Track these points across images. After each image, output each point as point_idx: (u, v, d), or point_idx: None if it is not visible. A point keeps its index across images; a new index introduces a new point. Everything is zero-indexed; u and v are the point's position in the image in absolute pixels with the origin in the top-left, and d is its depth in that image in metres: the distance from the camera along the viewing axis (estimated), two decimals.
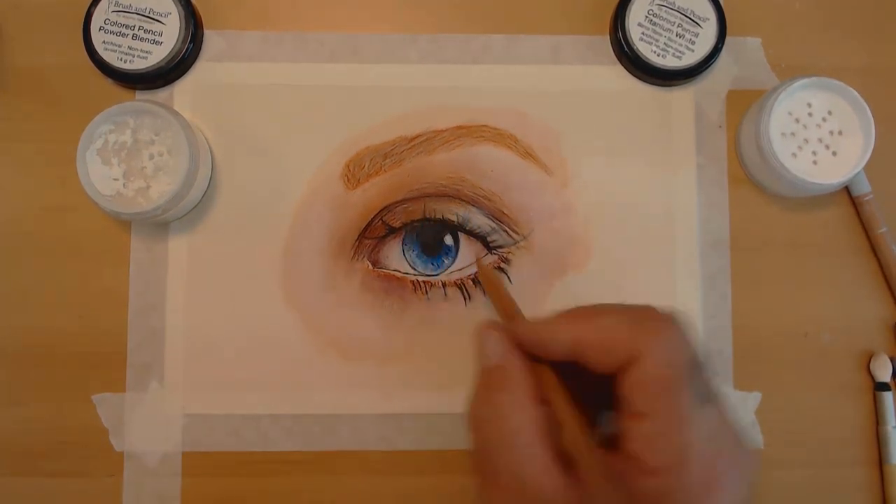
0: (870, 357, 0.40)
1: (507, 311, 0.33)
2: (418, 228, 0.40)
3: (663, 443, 0.27)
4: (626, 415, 0.28)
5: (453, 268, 0.40)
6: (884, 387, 0.40)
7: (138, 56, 0.39)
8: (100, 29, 0.39)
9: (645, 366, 0.27)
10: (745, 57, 0.42)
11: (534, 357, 0.30)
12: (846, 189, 0.41)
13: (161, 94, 0.41)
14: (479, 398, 0.29)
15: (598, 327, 0.28)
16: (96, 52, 0.39)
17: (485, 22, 0.41)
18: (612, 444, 0.28)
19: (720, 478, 0.27)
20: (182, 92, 0.41)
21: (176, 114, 0.38)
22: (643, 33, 0.40)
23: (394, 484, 0.39)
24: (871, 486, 0.40)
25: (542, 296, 0.40)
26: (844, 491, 0.40)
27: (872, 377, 0.40)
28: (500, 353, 0.30)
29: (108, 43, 0.39)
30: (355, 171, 0.40)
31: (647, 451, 0.27)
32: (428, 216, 0.40)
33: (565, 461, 0.28)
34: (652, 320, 0.28)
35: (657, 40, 0.40)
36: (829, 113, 0.39)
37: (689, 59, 0.40)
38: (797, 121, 0.39)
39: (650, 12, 0.40)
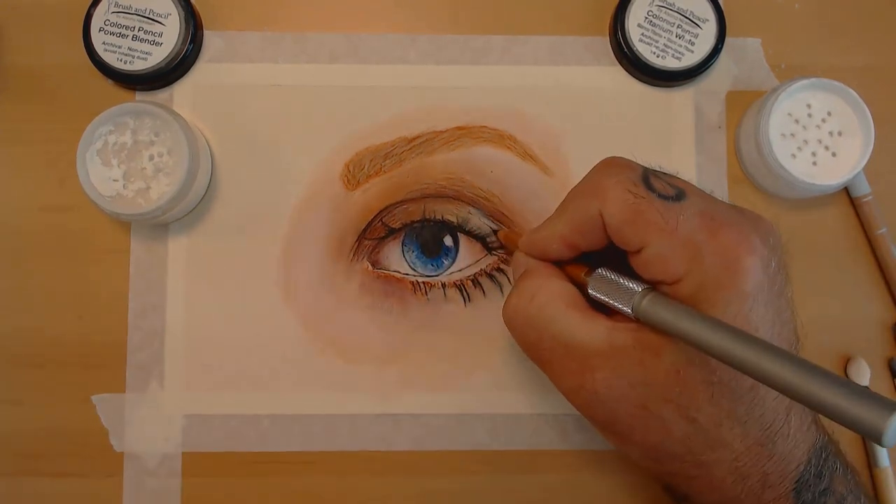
0: (846, 360, 0.40)
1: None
2: (418, 229, 0.40)
3: (667, 256, 0.28)
4: (632, 260, 0.29)
5: (453, 269, 0.40)
6: None
7: (138, 57, 0.39)
8: (100, 30, 0.39)
9: (609, 212, 0.29)
10: (745, 58, 0.42)
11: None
12: (846, 190, 0.41)
13: (161, 95, 0.41)
14: (510, 299, 0.31)
15: (568, 220, 0.31)
16: (96, 52, 0.39)
17: (484, 22, 0.41)
18: None
19: (737, 253, 0.27)
20: (182, 93, 0.41)
21: (176, 114, 0.38)
22: (643, 34, 0.40)
23: (393, 484, 0.39)
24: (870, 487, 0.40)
25: None
26: None
27: None
28: (523, 263, 0.33)
29: (107, 44, 0.39)
30: (355, 172, 0.40)
31: (661, 272, 0.28)
32: (428, 217, 0.40)
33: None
34: (592, 183, 0.30)
35: (657, 41, 0.40)
36: (829, 114, 0.39)
37: (689, 59, 0.40)
38: (797, 122, 0.39)
39: (650, 13, 0.40)
